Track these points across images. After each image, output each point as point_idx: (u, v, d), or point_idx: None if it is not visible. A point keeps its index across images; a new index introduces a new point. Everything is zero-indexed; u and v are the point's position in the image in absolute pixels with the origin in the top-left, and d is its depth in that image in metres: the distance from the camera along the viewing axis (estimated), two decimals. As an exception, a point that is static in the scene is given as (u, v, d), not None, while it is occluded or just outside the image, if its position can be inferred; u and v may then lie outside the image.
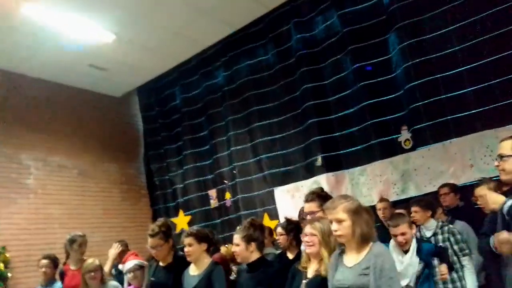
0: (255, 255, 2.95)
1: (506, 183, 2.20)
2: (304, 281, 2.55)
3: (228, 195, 6.52)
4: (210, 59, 6.83)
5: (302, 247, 2.98)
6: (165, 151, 7.47)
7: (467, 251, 3.30)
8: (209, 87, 6.95)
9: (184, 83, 7.29)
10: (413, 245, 3.07)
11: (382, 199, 4.46)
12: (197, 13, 5.57)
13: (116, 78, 6.99)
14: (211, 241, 3.32)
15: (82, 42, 5.70)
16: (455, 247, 3.32)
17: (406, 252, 3.06)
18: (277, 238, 3.86)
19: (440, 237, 3.43)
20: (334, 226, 2.19)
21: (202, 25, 5.86)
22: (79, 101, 6.95)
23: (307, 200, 2.91)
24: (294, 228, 3.60)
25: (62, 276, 4.07)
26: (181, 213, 7.01)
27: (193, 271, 3.14)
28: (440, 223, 3.51)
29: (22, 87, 6.23)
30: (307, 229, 2.64)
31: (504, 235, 1.98)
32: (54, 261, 4.16)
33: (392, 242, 3.18)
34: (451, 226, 3.48)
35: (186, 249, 3.13)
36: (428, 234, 3.50)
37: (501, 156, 2.12)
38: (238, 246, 2.97)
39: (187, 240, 3.14)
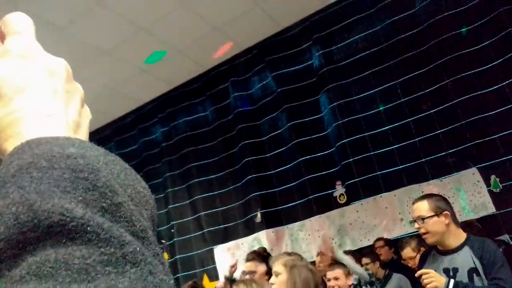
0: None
1: (432, 244, 2.16)
2: None
3: (166, 256, 6.21)
4: (147, 115, 6.75)
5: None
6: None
7: None
8: (146, 143, 6.81)
9: (120, 139, 7.08)
10: None
11: (319, 253, 4.50)
12: (132, 70, 5.56)
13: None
14: None
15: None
16: None
17: None
18: None
19: None
20: (272, 279, 2.22)
21: (138, 83, 5.83)
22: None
23: (247, 260, 2.90)
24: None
25: None
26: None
27: None
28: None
29: None
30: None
31: None
32: None
33: None
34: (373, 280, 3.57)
35: None
36: None
37: (422, 219, 2.06)
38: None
39: None
